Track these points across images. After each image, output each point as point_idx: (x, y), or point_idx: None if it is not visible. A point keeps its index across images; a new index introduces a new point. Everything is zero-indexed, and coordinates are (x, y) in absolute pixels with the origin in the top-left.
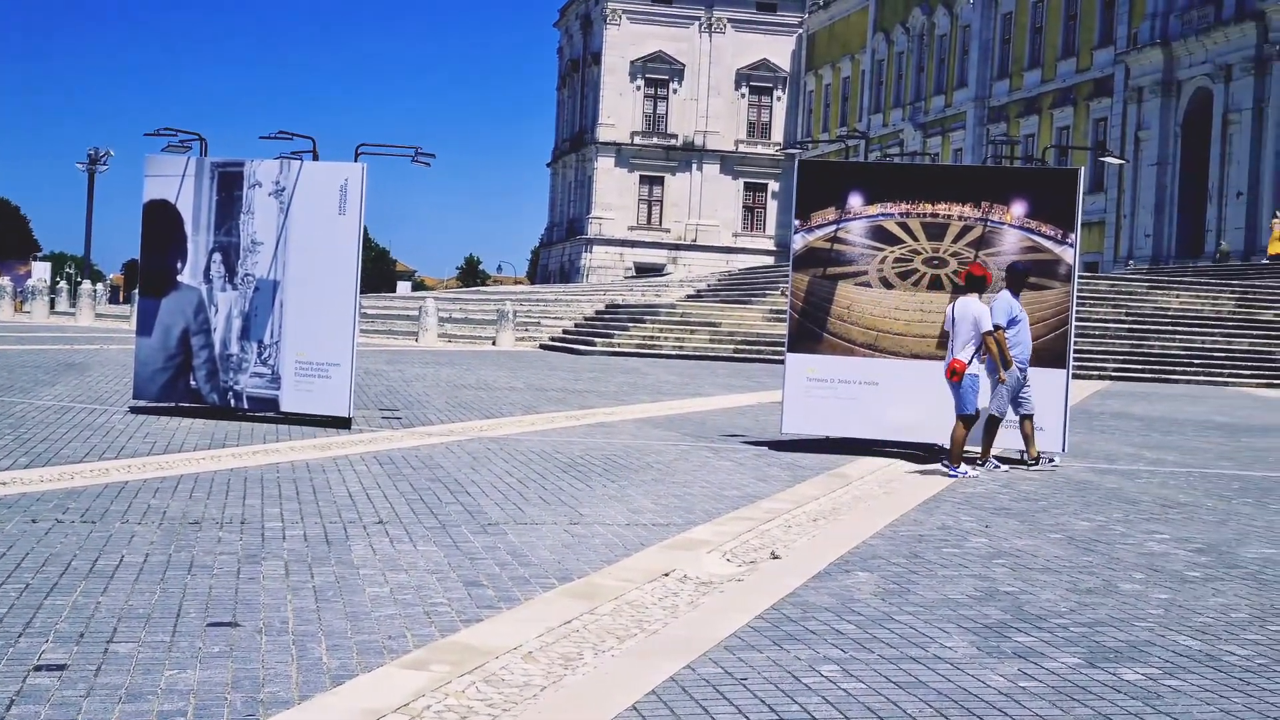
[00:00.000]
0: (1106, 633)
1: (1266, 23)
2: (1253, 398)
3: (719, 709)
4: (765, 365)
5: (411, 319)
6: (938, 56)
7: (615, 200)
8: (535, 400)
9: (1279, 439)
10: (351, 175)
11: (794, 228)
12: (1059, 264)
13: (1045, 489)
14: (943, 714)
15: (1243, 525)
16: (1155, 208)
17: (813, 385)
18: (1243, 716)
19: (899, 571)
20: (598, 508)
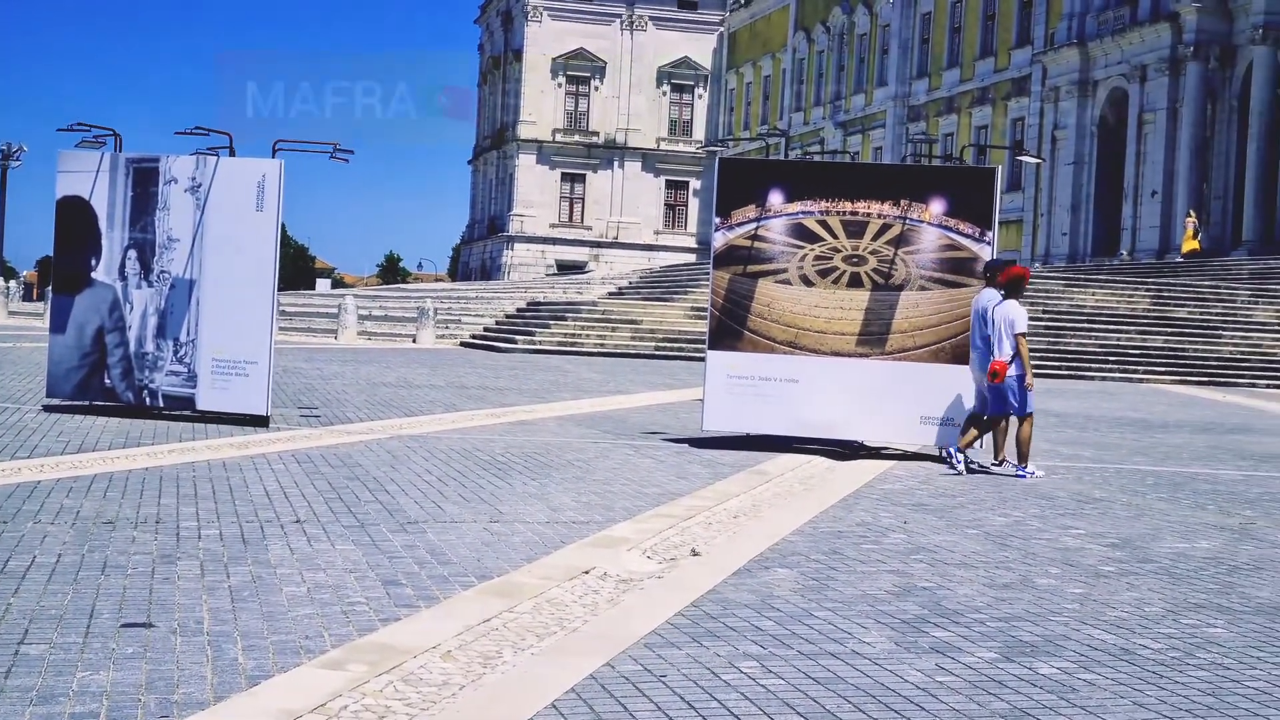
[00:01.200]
0: (1022, 627)
1: (1180, 24)
2: (1166, 394)
3: (639, 706)
4: (687, 363)
5: (331, 316)
6: (858, 55)
7: (537, 197)
8: (456, 398)
9: (1191, 435)
10: (269, 171)
11: (714, 225)
12: (977, 262)
13: (963, 485)
14: (861, 709)
15: (1156, 520)
16: (1072, 207)
17: (733, 382)
18: (1156, 709)
19: (818, 568)
20: (518, 505)
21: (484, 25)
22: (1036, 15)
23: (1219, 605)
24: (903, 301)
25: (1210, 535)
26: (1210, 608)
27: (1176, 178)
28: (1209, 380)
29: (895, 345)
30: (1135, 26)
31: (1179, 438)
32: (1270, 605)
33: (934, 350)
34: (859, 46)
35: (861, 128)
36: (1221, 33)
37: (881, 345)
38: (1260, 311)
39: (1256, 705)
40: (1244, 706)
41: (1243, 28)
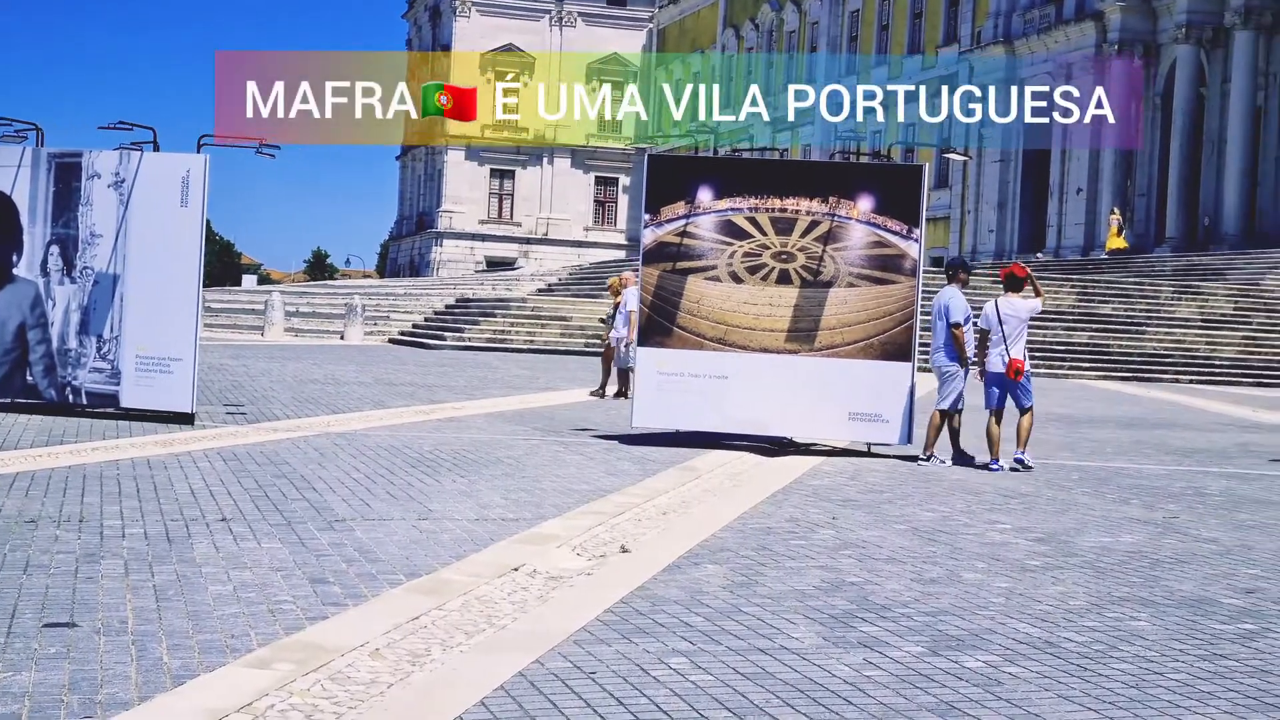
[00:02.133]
0: (949, 621)
1: (1105, 23)
2: (1091, 390)
3: (567, 703)
4: None
5: (258, 313)
6: (787, 52)
7: (466, 194)
8: (384, 395)
9: (1115, 430)
10: (194, 167)
11: (644, 222)
12: (904, 259)
13: (891, 481)
14: (789, 704)
15: (1081, 515)
16: (998, 204)
17: (663, 379)
18: (1080, 702)
19: (747, 563)
20: (447, 503)
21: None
22: (963, 14)
23: (1142, 598)
24: (831, 298)
25: (1134, 529)
26: (1134, 601)
27: (1101, 175)
28: (1133, 376)
29: (824, 342)
30: (1061, 25)
31: (1104, 433)
32: (1192, 598)
33: (862, 347)
34: (788, 43)
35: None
36: (1145, 31)
37: (810, 342)
38: (1183, 307)
39: (1178, 697)
40: (1166, 699)
41: (1166, 26)
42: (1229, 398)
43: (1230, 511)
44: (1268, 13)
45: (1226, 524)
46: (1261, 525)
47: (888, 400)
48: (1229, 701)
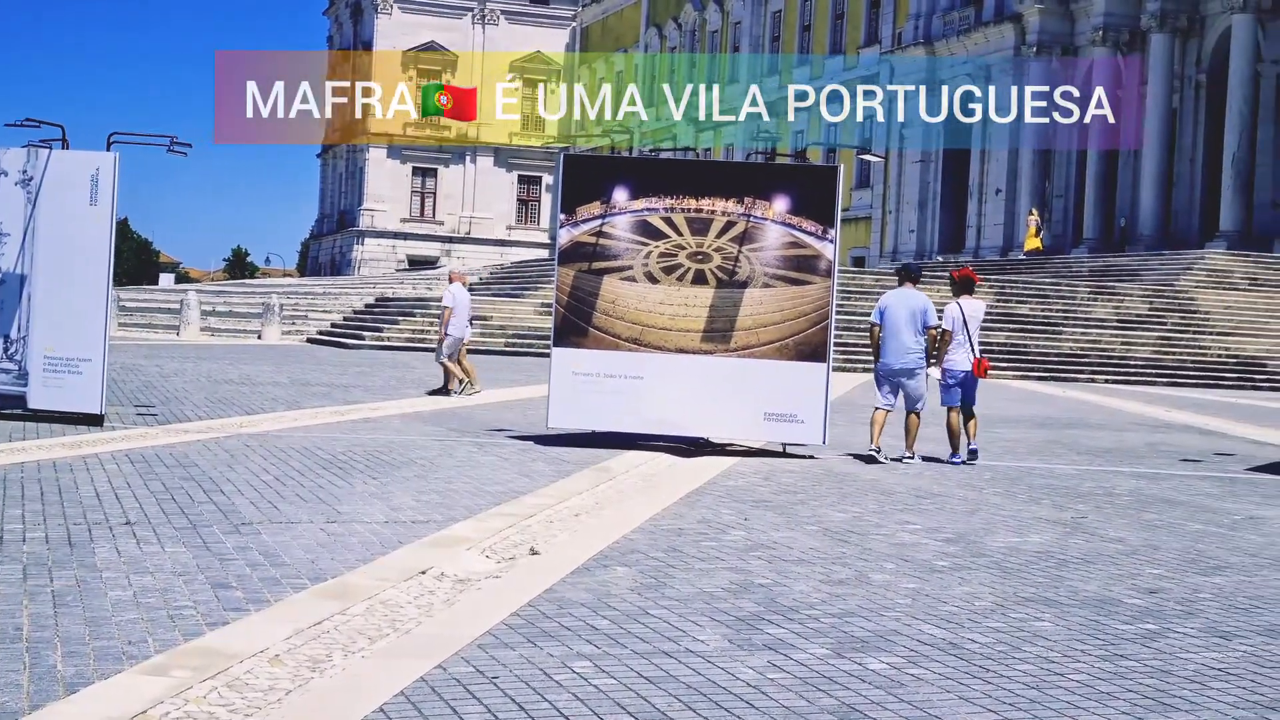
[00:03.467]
0: (855, 623)
1: (1024, 25)
2: (1008, 389)
3: (468, 708)
4: (536, 359)
5: (173, 312)
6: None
7: (388, 192)
8: (299, 395)
9: (1028, 430)
10: (103, 164)
11: (559, 222)
12: (820, 259)
13: (805, 481)
14: (691, 707)
15: (991, 515)
16: (919, 204)
17: (578, 379)
18: (981, 703)
19: (657, 565)
20: (357, 505)
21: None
22: (884, 15)
23: (1047, 599)
24: (747, 299)
25: (1042, 530)
26: (1038, 601)
27: (1019, 176)
28: (1050, 375)
29: (739, 342)
30: (980, 27)
31: (1017, 432)
32: (1096, 598)
33: (778, 347)
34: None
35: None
36: (1064, 33)
37: (726, 342)
38: (1099, 308)
39: (1078, 698)
40: (1065, 699)
41: (1084, 29)
42: (1143, 397)
43: (1138, 511)
44: (1183, 16)
45: (1134, 524)
46: (1168, 525)
47: (803, 401)
48: (1127, 702)
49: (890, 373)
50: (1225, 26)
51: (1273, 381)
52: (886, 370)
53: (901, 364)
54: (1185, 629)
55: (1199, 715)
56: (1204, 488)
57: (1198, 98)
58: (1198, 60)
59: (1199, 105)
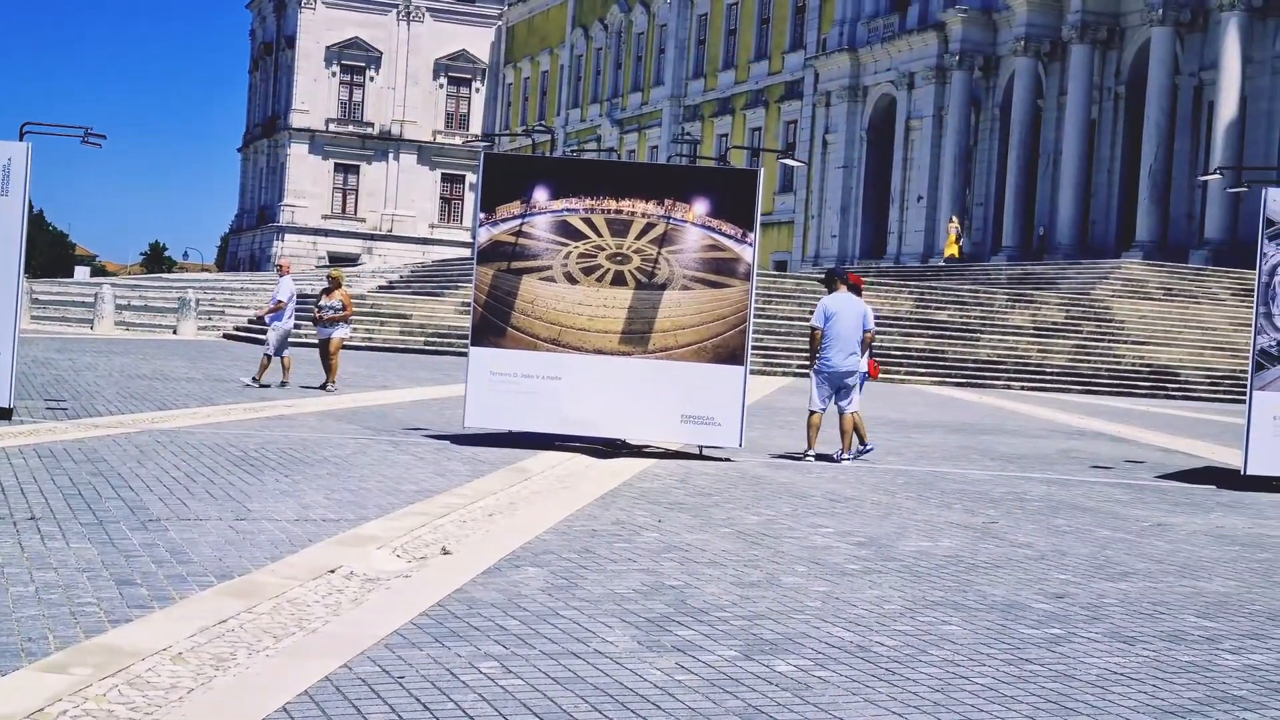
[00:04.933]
0: (765, 625)
1: (947, 33)
2: (925, 395)
3: (372, 708)
4: (456, 358)
5: (88, 306)
6: (635, 54)
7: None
8: (213, 392)
9: (944, 435)
10: (15, 154)
11: (479, 221)
12: (739, 262)
13: (720, 484)
14: (598, 709)
15: (903, 519)
16: (841, 209)
17: (496, 379)
18: (886, 706)
19: (569, 566)
20: (267, 503)
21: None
22: (809, 20)
23: (955, 603)
24: (666, 301)
25: (953, 534)
26: (947, 605)
27: (941, 183)
28: (967, 382)
29: (658, 344)
30: (904, 35)
31: (933, 438)
32: (1004, 603)
33: (696, 349)
34: (636, 45)
35: (638, 126)
36: (986, 43)
37: (644, 344)
38: (1016, 315)
39: (982, 701)
40: (969, 702)
41: (1005, 39)
42: (1058, 404)
43: (1048, 517)
44: (1103, 28)
45: (1043, 529)
46: (1076, 530)
47: (720, 403)
48: (1030, 706)
49: (835, 374)
50: (1144, 39)
51: (1185, 390)
52: (831, 371)
53: (846, 366)
54: (1090, 634)
55: (1100, 719)
56: (1114, 494)
57: (1116, 109)
58: (1117, 71)
59: (1118, 116)
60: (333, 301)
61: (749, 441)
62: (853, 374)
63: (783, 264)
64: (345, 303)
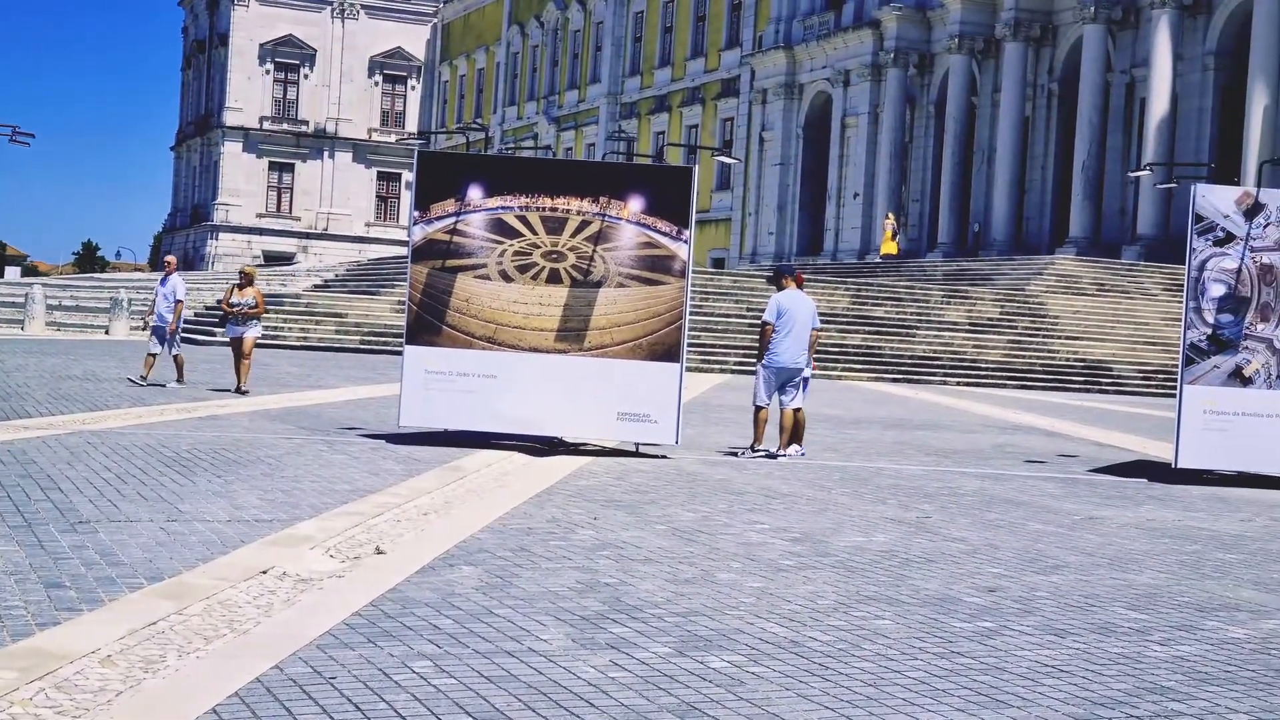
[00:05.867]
0: (699, 622)
1: (882, 31)
2: (862, 391)
3: (302, 709)
4: (392, 357)
5: (18, 306)
6: (572, 51)
7: (243, 186)
8: (145, 392)
9: (880, 431)
10: None
11: (413, 219)
12: (674, 260)
13: (657, 481)
14: (531, 707)
15: (839, 515)
16: (778, 207)
17: (431, 378)
18: (819, 700)
19: (504, 565)
20: (199, 504)
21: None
22: (745, 18)
23: (889, 597)
24: (601, 298)
25: (888, 529)
26: (880, 600)
27: (877, 180)
28: (904, 377)
29: (593, 342)
30: (840, 32)
31: (869, 433)
32: (937, 597)
33: (632, 347)
34: (573, 42)
35: (575, 123)
36: (920, 40)
37: (580, 342)
38: (952, 311)
39: (914, 695)
40: (902, 696)
41: (940, 36)
42: (993, 400)
43: (981, 511)
44: (1036, 25)
45: (977, 523)
46: (1009, 525)
47: (657, 401)
48: (962, 699)
49: (784, 370)
50: (1077, 36)
51: (1118, 385)
52: (780, 367)
53: (796, 363)
54: (1021, 627)
55: (1030, 712)
56: (1046, 488)
57: (1050, 106)
58: (1050, 69)
59: (1051, 113)
60: (245, 298)
61: (686, 439)
62: (800, 371)
63: (720, 261)
64: (258, 300)
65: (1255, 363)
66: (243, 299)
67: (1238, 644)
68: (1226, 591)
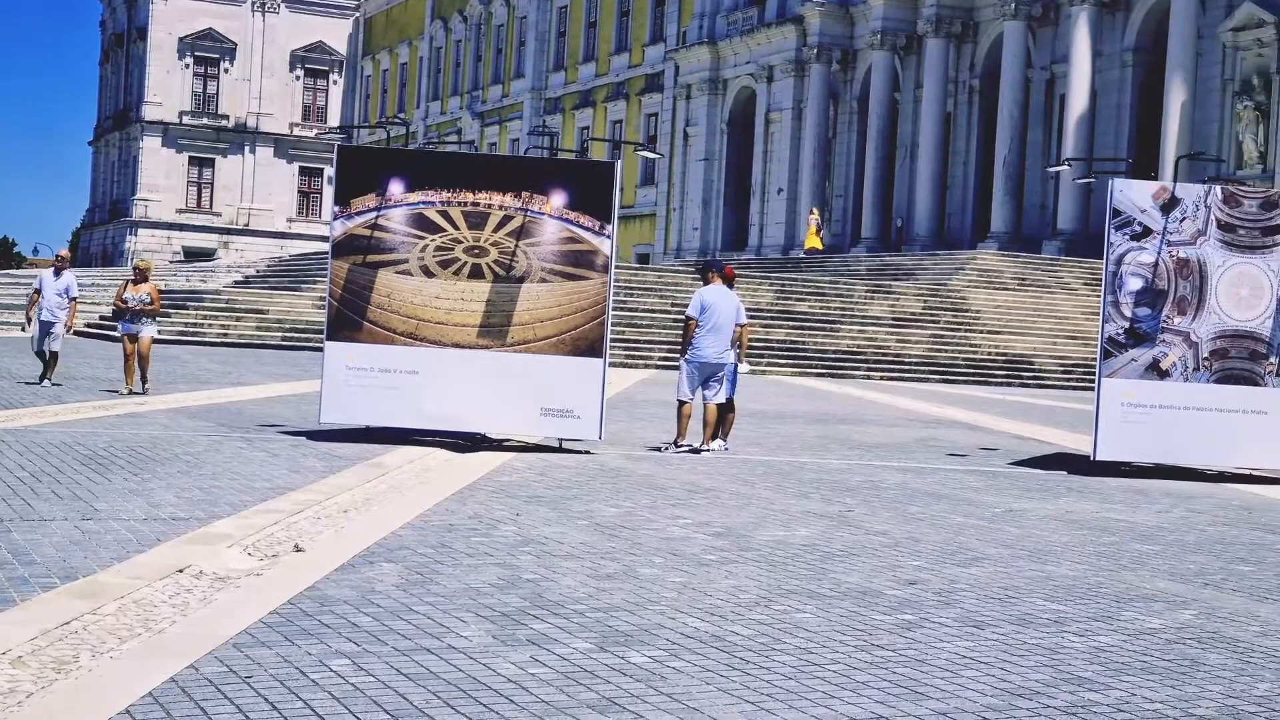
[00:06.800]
0: (620, 617)
1: (805, 27)
2: (785, 385)
3: (217, 709)
4: (314, 353)
5: None
6: (495, 46)
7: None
8: (60, 390)
9: (803, 425)
10: None
11: (334, 214)
12: (597, 255)
13: (579, 476)
14: (449, 704)
15: (761, 509)
16: (703, 202)
17: (352, 374)
18: (739, 694)
19: (424, 561)
20: (115, 502)
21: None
22: (669, 13)
23: (810, 591)
24: (524, 294)
25: (810, 523)
26: (802, 593)
27: (801, 176)
28: (828, 372)
29: (516, 337)
30: (763, 28)
31: (792, 428)
32: (858, 590)
33: (555, 342)
34: (496, 37)
35: (499, 119)
36: (843, 36)
37: (503, 337)
38: (875, 306)
39: (834, 688)
40: (822, 689)
41: (863, 32)
42: (916, 394)
43: (903, 505)
44: (957, 21)
45: (898, 517)
46: (930, 518)
47: (580, 396)
48: (881, 691)
49: (706, 365)
50: (998, 33)
51: (1039, 378)
52: (703, 362)
53: (718, 358)
54: (941, 619)
55: (949, 703)
56: (968, 481)
57: (971, 102)
58: (972, 65)
59: (973, 109)
60: (140, 294)
61: (609, 434)
62: (723, 366)
63: (645, 256)
64: (153, 296)
65: (1172, 355)
66: (138, 295)
67: (1154, 634)
68: (1143, 582)
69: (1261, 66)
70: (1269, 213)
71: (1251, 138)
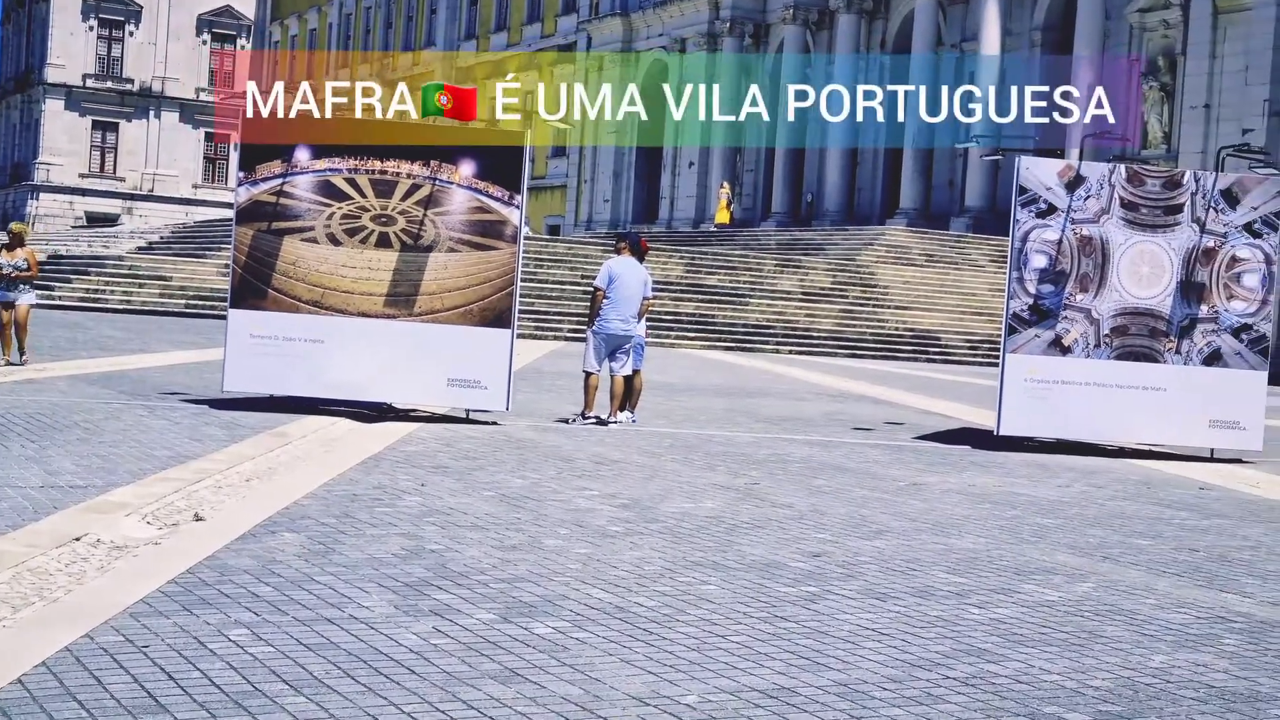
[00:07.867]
0: (524, 588)
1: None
2: (694, 358)
3: (113, 679)
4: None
5: None
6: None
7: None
8: None
9: (711, 399)
10: None
11: (238, 180)
12: (505, 225)
13: (486, 447)
14: (350, 674)
15: (668, 481)
16: (614, 174)
17: (256, 342)
18: (642, 665)
19: (327, 531)
20: (10, 469)
21: None
22: None
23: (715, 563)
24: (432, 263)
25: (716, 495)
26: (706, 565)
27: (712, 150)
28: (737, 346)
29: (424, 307)
30: (676, 0)
31: (700, 401)
32: (762, 562)
33: (462, 312)
34: (408, 5)
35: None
36: (755, 10)
37: (410, 307)
38: (785, 280)
39: (736, 659)
40: (724, 660)
41: (775, 7)
42: (824, 368)
43: (809, 478)
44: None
45: (803, 490)
46: (836, 491)
47: (487, 366)
48: (783, 662)
49: (612, 336)
50: (909, 9)
51: (946, 354)
52: (609, 334)
53: (624, 330)
54: (844, 591)
55: (850, 674)
56: (873, 455)
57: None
58: (883, 42)
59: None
60: (15, 260)
61: (516, 405)
62: (630, 338)
63: (556, 228)
64: (30, 262)
65: (1074, 332)
66: (13, 260)
67: (1052, 606)
68: (1043, 556)
69: (1167, 47)
70: (1171, 192)
71: (1156, 118)
